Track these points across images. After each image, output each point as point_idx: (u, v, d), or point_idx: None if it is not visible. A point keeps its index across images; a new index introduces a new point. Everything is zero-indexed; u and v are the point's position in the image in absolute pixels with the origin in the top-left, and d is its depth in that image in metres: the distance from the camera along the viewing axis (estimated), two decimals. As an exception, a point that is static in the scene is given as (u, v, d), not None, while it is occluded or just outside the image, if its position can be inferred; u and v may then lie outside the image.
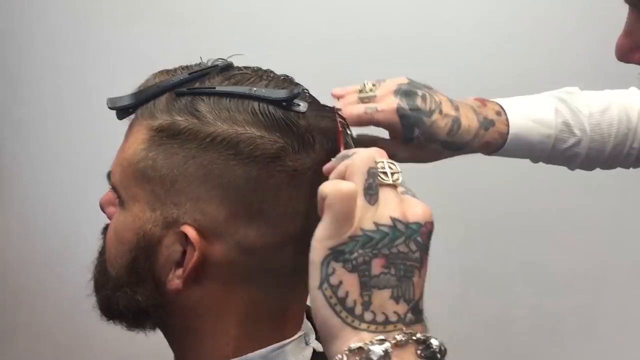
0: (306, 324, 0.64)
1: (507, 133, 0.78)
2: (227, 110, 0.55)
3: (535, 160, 0.85)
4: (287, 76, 0.62)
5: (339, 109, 0.64)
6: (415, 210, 0.48)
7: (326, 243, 0.46)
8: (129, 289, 0.59)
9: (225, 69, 0.60)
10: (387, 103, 0.73)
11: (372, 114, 0.72)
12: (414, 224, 0.47)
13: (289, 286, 0.60)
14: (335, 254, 0.46)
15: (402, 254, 0.46)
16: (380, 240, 0.46)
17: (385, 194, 0.48)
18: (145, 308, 0.59)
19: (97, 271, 0.64)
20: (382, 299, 0.46)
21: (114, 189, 0.60)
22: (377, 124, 0.73)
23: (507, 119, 0.78)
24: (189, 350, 0.62)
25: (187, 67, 0.61)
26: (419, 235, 0.47)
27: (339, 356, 0.45)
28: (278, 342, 0.60)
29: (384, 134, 0.77)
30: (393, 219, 0.46)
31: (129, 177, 0.58)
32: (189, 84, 0.58)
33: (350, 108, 0.72)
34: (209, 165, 0.55)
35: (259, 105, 0.55)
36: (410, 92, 0.73)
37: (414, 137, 0.74)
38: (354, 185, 0.46)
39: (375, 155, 0.50)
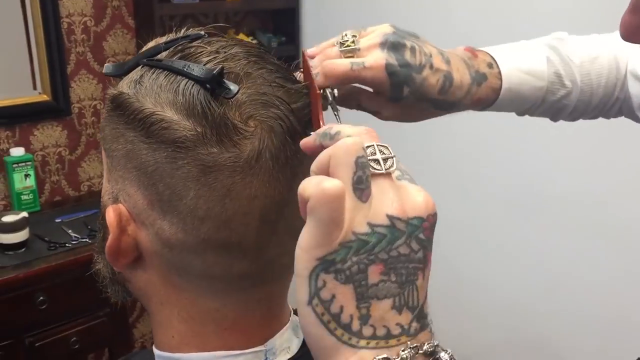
0: (279, 342, 0.58)
1: (500, 88, 0.72)
2: (159, 86, 0.50)
3: (521, 113, 0.80)
4: (258, 54, 0.52)
5: (309, 56, 0.57)
6: (415, 202, 0.40)
7: (313, 253, 0.39)
8: (97, 255, 0.60)
9: (194, 39, 0.54)
10: (375, 58, 0.63)
11: (359, 70, 0.62)
12: (415, 220, 0.40)
13: (226, 295, 0.54)
14: (325, 264, 0.39)
15: (403, 257, 0.39)
16: (377, 244, 0.39)
17: (379, 186, 0.40)
18: (105, 277, 0.59)
19: None
20: (382, 310, 0.39)
21: None
22: (364, 81, 0.65)
23: (499, 72, 0.72)
24: (152, 327, 0.60)
25: (171, 35, 0.56)
26: (421, 232, 0.40)
27: None
28: (228, 350, 0.55)
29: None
30: (390, 217, 0.39)
31: (102, 144, 0.56)
32: (159, 54, 0.53)
33: (332, 64, 0.61)
34: (129, 145, 0.50)
35: (185, 84, 0.48)
36: (398, 45, 0.64)
37: (403, 95, 0.66)
38: (340, 184, 0.38)
39: (364, 139, 0.41)
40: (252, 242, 0.51)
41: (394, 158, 0.41)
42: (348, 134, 0.42)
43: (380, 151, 0.41)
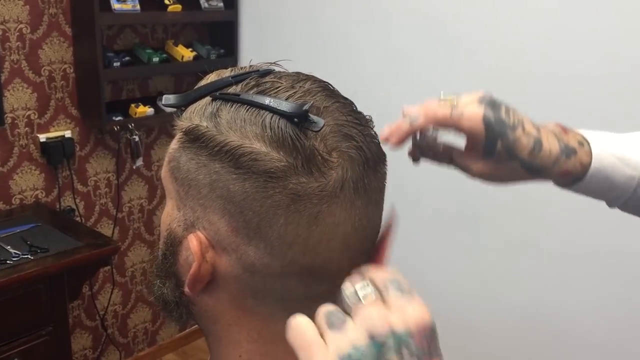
0: None
1: (589, 165, 0.71)
2: (242, 120, 0.52)
3: (611, 203, 0.77)
4: (328, 88, 0.56)
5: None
6: (404, 315, 0.43)
7: None
8: (159, 280, 0.60)
9: (265, 74, 0.56)
10: (473, 109, 0.67)
11: (459, 117, 0.67)
12: (402, 332, 0.42)
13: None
14: None
15: None
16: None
17: (362, 312, 0.43)
18: (170, 302, 0.60)
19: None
20: None
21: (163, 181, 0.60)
22: (461, 129, 0.68)
23: (590, 151, 0.72)
24: (212, 350, 0.61)
25: (235, 69, 0.59)
26: (412, 342, 0.42)
27: None
28: None
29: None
30: (371, 335, 0.42)
31: (167, 173, 0.57)
32: (228, 88, 0.56)
33: (434, 107, 0.67)
34: (214, 175, 0.52)
35: (270, 118, 0.51)
36: (495, 103, 0.68)
37: (496, 150, 0.68)
38: (302, 317, 0.44)
39: (354, 280, 0.46)
40: (333, 266, 0.54)
41: (373, 291, 0.45)
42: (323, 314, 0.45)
43: (363, 287, 0.45)
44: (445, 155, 0.74)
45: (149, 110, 2.48)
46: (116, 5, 2.25)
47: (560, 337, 1.98)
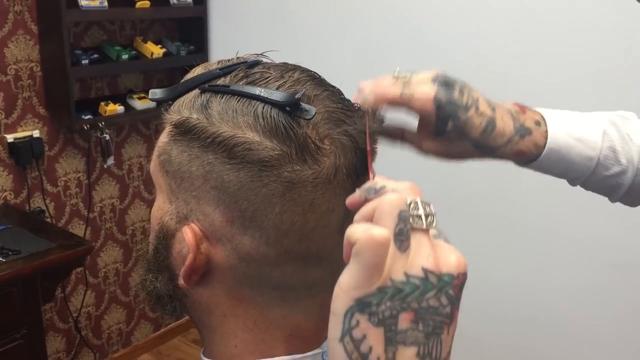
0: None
1: (544, 146, 0.71)
2: (234, 111, 0.52)
3: (572, 182, 0.77)
4: (316, 77, 0.57)
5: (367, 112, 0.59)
6: (448, 260, 0.43)
7: (352, 293, 0.41)
8: (151, 275, 0.60)
9: (253, 65, 0.57)
10: (424, 90, 0.66)
11: (409, 97, 0.65)
12: (446, 276, 0.42)
13: (296, 302, 0.57)
14: (361, 305, 0.41)
15: (432, 308, 0.42)
16: (410, 293, 0.41)
17: (417, 240, 0.42)
18: (164, 296, 0.59)
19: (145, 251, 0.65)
20: (407, 356, 0.41)
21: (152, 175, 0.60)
22: (412, 109, 0.67)
23: (546, 132, 0.72)
24: (206, 342, 0.61)
25: (222, 61, 0.59)
26: (451, 288, 0.42)
27: None
28: (290, 355, 0.58)
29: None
30: (425, 270, 0.42)
31: (156, 167, 0.57)
32: (216, 80, 0.56)
33: (385, 87, 0.65)
34: (208, 167, 0.52)
35: (262, 108, 0.51)
36: (448, 83, 0.67)
37: (446, 130, 0.68)
38: (387, 232, 0.41)
39: (408, 195, 0.44)
40: (328, 252, 0.55)
41: (434, 216, 0.44)
42: (392, 188, 0.45)
43: (423, 208, 0.43)
44: (398, 132, 0.73)
45: (119, 109, 2.45)
46: (83, 2, 2.21)
47: (542, 322, 2.02)
